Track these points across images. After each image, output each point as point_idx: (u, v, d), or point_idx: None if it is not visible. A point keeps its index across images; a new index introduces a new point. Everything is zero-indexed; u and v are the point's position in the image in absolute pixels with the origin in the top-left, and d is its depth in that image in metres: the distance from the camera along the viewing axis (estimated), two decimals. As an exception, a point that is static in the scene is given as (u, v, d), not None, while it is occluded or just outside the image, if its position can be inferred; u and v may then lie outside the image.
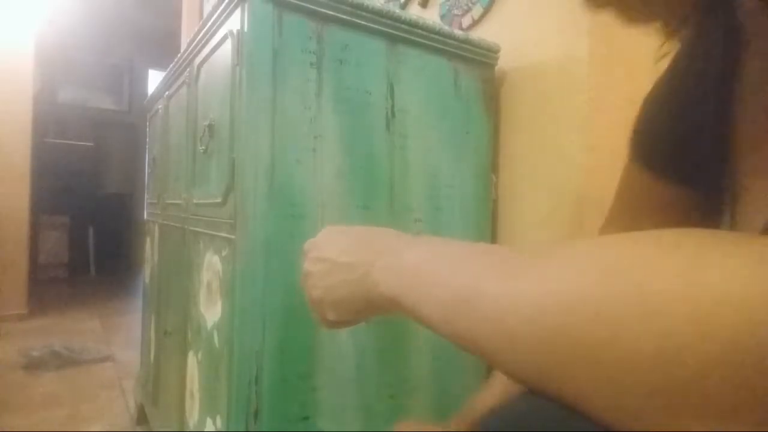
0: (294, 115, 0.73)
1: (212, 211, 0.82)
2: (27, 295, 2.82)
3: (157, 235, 1.34)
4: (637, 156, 0.46)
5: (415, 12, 1.21)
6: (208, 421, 0.81)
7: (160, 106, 1.35)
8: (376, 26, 0.80)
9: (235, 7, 0.73)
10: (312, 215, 0.74)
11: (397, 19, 0.82)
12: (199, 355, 0.88)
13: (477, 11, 1.08)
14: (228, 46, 0.76)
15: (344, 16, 0.77)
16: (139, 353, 1.64)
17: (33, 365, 1.97)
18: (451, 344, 0.29)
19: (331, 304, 0.39)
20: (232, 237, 0.72)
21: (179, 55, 1.07)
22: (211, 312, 0.81)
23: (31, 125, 2.81)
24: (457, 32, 0.92)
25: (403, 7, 1.33)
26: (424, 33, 0.86)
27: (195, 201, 0.93)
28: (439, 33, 0.88)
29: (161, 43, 4.39)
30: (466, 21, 1.11)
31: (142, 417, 1.45)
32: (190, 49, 0.98)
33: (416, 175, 0.87)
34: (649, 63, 0.48)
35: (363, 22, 0.79)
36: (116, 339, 2.43)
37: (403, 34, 0.84)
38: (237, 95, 0.72)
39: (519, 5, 0.99)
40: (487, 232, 0.98)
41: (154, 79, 5.03)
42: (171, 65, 1.15)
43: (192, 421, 0.91)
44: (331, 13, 0.76)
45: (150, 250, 1.46)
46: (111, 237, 4.80)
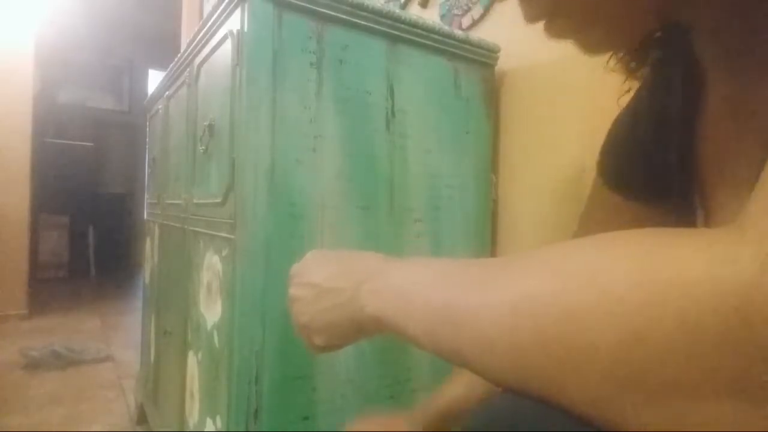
0: (294, 115, 0.73)
1: (212, 211, 0.82)
2: (27, 295, 2.82)
3: (157, 235, 1.34)
4: (604, 178, 0.48)
5: (415, 12, 1.21)
6: (208, 421, 0.81)
7: (160, 107, 1.35)
8: (376, 26, 0.81)
9: (235, 7, 0.73)
10: (312, 215, 0.74)
11: (397, 19, 0.82)
12: (199, 355, 0.88)
13: (477, 11, 1.08)
14: (228, 46, 0.76)
15: (344, 16, 0.77)
16: (139, 353, 1.64)
17: (33, 365, 1.97)
18: None
19: (318, 329, 0.40)
20: (232, 237, 0.72)
21: (179, 55, 1.07)
22: (211, 312, 0.81)
23: (31, 125, 2.81)
24: (457, 32, 0.92)
25: (403, 7, 1.33)
26: (424, 33, 0.86)
27: (195, 201, 0.93)
28: (439, 33, 0.88)
29: (161, 43, 4.39)
30: (466, 21, 1.11)
31: (142, 417, 1.45)
32: (190, 49, 0.98)
33: (416, 175, 0.87)
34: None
35: (363, 22, 0.79)
36: (116, 339, 2.43)
37: (403, 34, 0.84)
38: (237, 95, 0.72)
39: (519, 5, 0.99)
40: (487, 232, 0.98)
41: (154, 79, 5.03)
42: (171, 65, 1.15)
43: (192, 421, 0.91)
44: (331, 13, 0.76)
45: (150, 250, 1.46)
46: (111, 237, 4.80)
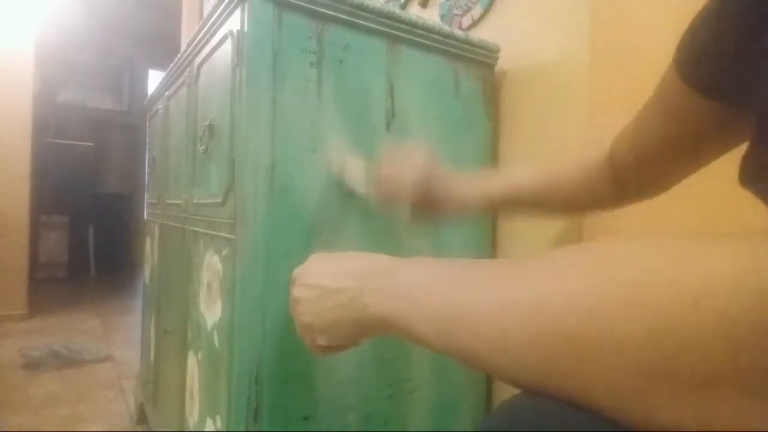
0: (294, 115, 0.73)
1: (212, 211, 0.82)
2: (27, 295, 2.82)
3: (157, 235, 1.34)
4: (682, 72, 0.43)
5: (415, 12, 1.21)
6: (208, 421, 0.81)
7: (160, 107, 1.35)
8: (376, 26, 0.80)
9: (235, 7, 0.73)
10: (312, 215, 0.74)
11: (397, 19, 0.82)
12: (199, 355, 0.88)
13: (477, 11, 1.08)
14: (228, 46, 0.76)
15: (344, 16, 0.77)
16: (139, 353, 1.64)
17: (33, 365, 1.97)
18: None
19: (321, 330, 0.40)
20: (232, 237, 0.72)
21: (179, 55, 1.07)
22: (211, 312, 0.81)
23: (31, 125, 2.81)
24: (457, 32, 0.92)
25: (403, 7, 1.33)
26: (424, 33, 0.86)
27: (195, 201, 0.93)
28: (439, 33, 0.88)
29: (161, 43, 4.39)
30: (466, 21, 1.11)
31: (142, 417, 1.45)
32: (190, 49, 0.98)
33: (416, 175, 0.87)
34: (650, 63, 0.48)
35: (363, 22, 0.79)
36: (116, 339, 2.43)
37: (403, 34, 0.84)
38: (237, 95, 0.72)
39: (519, 5, 0.99)
40: (487, 231, 0.98)
41: (154, 79, 5.03)
42: (171, 65, 1.15)
43: (192, 421, 0.91)
44: (331, 13, 0.76)
45: (150, 250, 1.46)
46: (111, 237, 4.80)
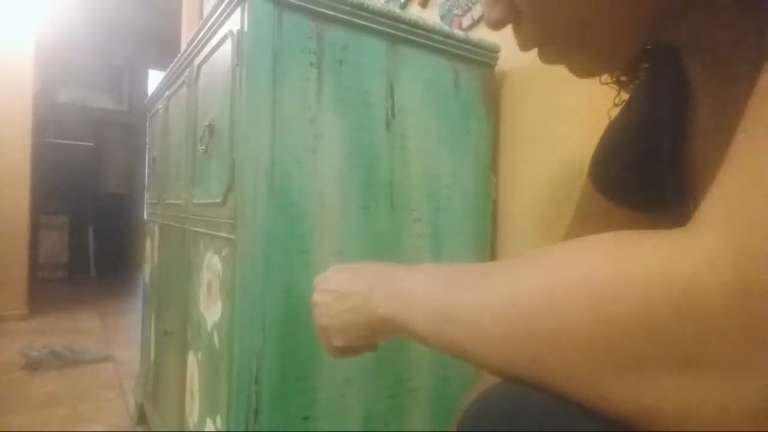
0: (294, 115, 0.73)
1: (212, 211, 0.82)
2: (27, 295, 2.82)
3: (157, 235, 1.34)
4: (596, 184, 0.50)
5: (415, 12, 1.21)
6: (208, 421, 0.81)
7: (160, 106, 1.35)
8: (376, 26, 0.80)
9: (235, 7, 0.73)
10: (312, 215, 0.74)
11: (397, 19, 0.82)
12: (199, 355, 0.88)
13: (477, 11, 1.08)
14: (228, 46, 0.76)
15: (344, 16, 0.77)
16: (139, 353, 1.64)
17: (33, 365, 1.97)
18: None
19: (336, 330, 0.44)
20: (232, 237, 0.72)
21: (179, 55, 1.07)
22: (211, 312, 0.81)
23: (31, 125, 2.81)
24: (457, 32, 0.92)
25: (403, 7, 1.33)
26: (424, 33, 0.86)
27: (195, 201, 0.93)
28: (439, 33, 0.88)
29: (161, 43, 4.39)
30: (466, 21, 1.11)
31: (142, 417, 1.45)
32: (190, 49, 0.98)
33: (416, 175, 0.87)
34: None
35: (363, 22, 0.79)
36: (116, 339, 2.43)
37: (403, 34, 0.84)
38: (237, 95, 0.72)
39: (519, 5, 0.99)
40: (487, 232, 0.98)
41: (154, 79, 5.03)
42: (171, 65, 1.15)
43: (192, 421, 0.91)
44: (331, 13, 0.76)
45: (150, 250, 1.46)
46: (111, 237, 4.80)
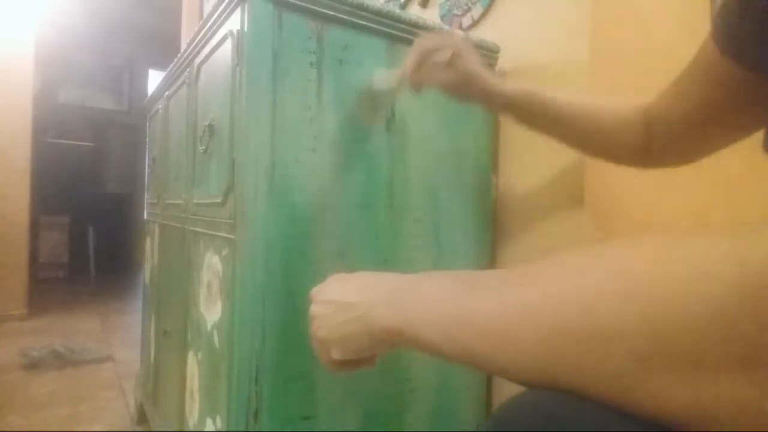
0: (294, 115, 0.73)
1: (212, 211, 0.82)
2: (27, 295, 2.82)
3: (157, 235, 1.34)
4: (720, 41, 0.43)
5: (415, 12, 1.21)
6: (208, 421, 0.81)
7: (160, 106, 1.35)
8: (376, 26, 0.80)
9: (235, 7, 0.73)
10: (312, 215, 0.74)
11: (397, 19, 0.82)
12: (199, 355, 0.88)
13: (477, 11, 1.08)
14: (228, 46, 0.76)
15: (344, 16, 0.77)
16: (139, 353, 1.64)
17: (33, 365, 1.97)
18: None
19: (336, 342, 0.42)
20: (232, 237, 0.72)
21: (179, 55, 1.07)
22: (211, 312, 0.81)
23: (31, 125, 2.81)
24: (457, 32, 0.92)
25: (403, 7, 1.33)
26: (425, 33, 0.86)
27: (195, 201, 0.93)
28: (439, 33, 0.88)
29: (161, 43, 4.39)
30: (466, 21, 1.11)
31: (142, 417, 1.45)
32: (190, 49, 0.98)
33: (416, 175, 0.87)
34: (650, 63, 0.48)
35: (363, 22, 0.79)
36: (116, 339, 2.43)
37: (403, 34, 0.84)
38: (237, 95, 0.72)
39: (519, 5, 0.99)
40: (487, 232, 0.98)
41: (154, 79, 5.03)
42: (171, 65, 1.15)
43: (192, 421, 0.91)
44: (331, 13, 0.76)
45: (150, 250, 1.46)
46: (111, 237, 4.80)
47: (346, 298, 0.41)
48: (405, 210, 0.85)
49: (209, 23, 0.84)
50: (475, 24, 1.09)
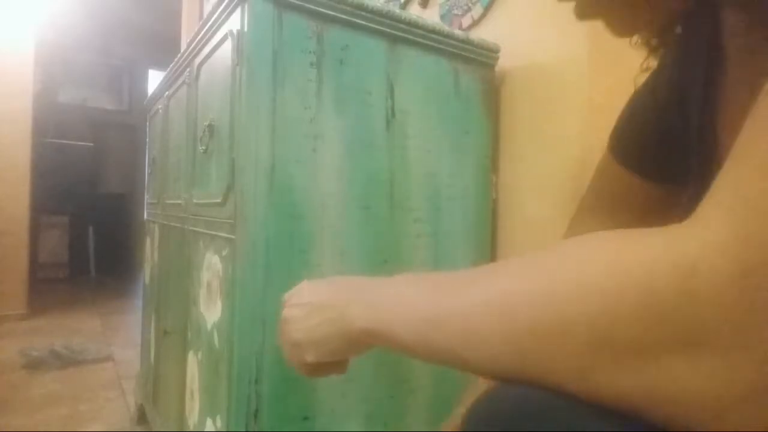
0: (294, 115, 0.73)
1: (212, 211, 0.82)
2: (27, 295, 2.82)
3: (157, 235, 1.34)
4: (617, 155, 0.48)
5: (415, 12, 1.21)
6: (208, 421, 0.81)
7: (160, 106, 1.35)
8: (376, 26, 0.80)
9: (235, 7, 0.73)
10: (312, 215, 0.74)
11: (397, 19, 0.82)
12: (199, 355, 0.88)
13: (477, 11, 1.08)
14: (228, 46, 0.76)
15: (344, 16, 0.77)
16: (139, 353, 1.64)
17: (33, 365, 1.97)
18: None
19: (310, 344, 0.41)
20: (232, 237, 0.72)
21: (179, 55, 1.07)
22: (211, 312, 0.81)
23: (31, 125, 2.81)
24: (457, 32, 0.92)
25: (403, 7, 1.33)
26: (424, 33, 0.86)
27: (195, 201, 0.93)
28: (439, 33, 0.88)
29: (161, 43, 4.39)
30: (466, 21, 1.11)
31: (142, 417, 1.45)
32: (190, 49, 0.98)
33: (416, 175, 0.87)
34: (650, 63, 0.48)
35: (363, 22, 0.79)
36: (116, 339, 2.43)
37: (403, 34, 0.84)
38: (237, 95, 0.72)
39: (519, 5, 0.99)
40: (487, 232, 0.98)
41: (154, 79, 5.03)
42: (171, 65, 1.15)
43: (192, 421, 0.91)
44: (331, 13, 0.76)
45: (150, 250, 1.46)
46: (111, 237, 4.80)
47: (320, 300, 0.40)
48: (405, 210, 0.85)
49: (209, 23, 0.84)
50: (475, 24, 1.09)
